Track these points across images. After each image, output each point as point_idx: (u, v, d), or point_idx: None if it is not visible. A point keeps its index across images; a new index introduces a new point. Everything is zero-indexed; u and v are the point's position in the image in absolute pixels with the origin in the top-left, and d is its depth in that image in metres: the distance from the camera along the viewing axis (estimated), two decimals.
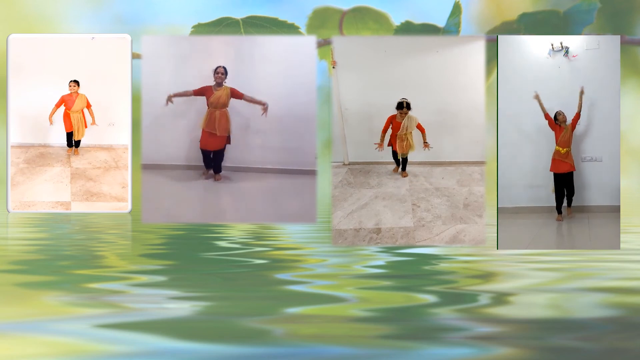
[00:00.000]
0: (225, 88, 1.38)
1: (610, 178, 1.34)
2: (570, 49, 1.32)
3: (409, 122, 1.34)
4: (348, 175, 1.36)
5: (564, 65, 1.33)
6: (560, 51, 1.32)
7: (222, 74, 1.37)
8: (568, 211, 1.34)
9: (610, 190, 1.34)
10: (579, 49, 1.33)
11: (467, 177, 1.36)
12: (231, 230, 1.66)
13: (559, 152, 1.33)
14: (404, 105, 1.34)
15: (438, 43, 1.36)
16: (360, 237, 1.31)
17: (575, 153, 1.34)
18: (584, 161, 1.34)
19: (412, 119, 1.35)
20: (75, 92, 1.64)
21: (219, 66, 1.38)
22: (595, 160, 1.34)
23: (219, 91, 1.38)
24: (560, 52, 1.32)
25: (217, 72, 1.38)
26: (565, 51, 1.32)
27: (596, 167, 1.34)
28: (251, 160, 1.40)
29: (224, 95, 1.38)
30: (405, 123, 1.34)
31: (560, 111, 1.33)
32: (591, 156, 1.34)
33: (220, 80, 1.38)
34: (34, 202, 1.64)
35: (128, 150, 1.64)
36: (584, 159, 1.34)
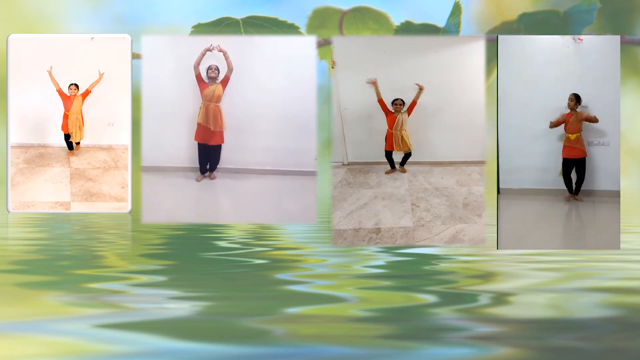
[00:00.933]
0: (218, 85, 1.38)
1: (611, 178, 1.34)
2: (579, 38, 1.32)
3: (403, 117, 1.34)
4: (347, 175, 1.36)
5: (564, 65, 1.33)
6: None
7: (215, 69, 1.38)
8: (575, 197, 1.34)
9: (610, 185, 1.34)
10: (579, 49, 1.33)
11: (467, 177, 1.36)
12: (231, 230, 1.66)
13: (569, 139, 1.33)
14: (398, 99, 1.34)
15: (438, 43, 1.36)
16: (359, 237, 1.31)
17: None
18: (590, 145, 1.34)
19: (404, 114, 1.35)
20: (74, 95, 1.64)
21: (212, 64, 1.38)
22: (603, 144, 1.34)
23: (212, 86, 1.38)
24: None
25: (210, 68, 1.38)
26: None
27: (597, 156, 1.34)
28: (250, 162, 1.40)
29: (217, 89, 1.38)
30: (400, 118, 1.34)
31: (572, 96, 1.32)
32: (599, 140, 1.34)
33: (213, 76, 1.38)
34: (34, 202, 1.64)
35: (128, 150, 1.64)
36: (590, 143, 1.34)
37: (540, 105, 1.33)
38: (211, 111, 1.38)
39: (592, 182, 1.34)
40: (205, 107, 1.38)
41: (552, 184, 1.35)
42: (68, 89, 1.64)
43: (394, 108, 1.35)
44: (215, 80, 1.38)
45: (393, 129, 1.35)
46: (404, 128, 1.35)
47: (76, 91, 1.64)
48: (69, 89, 1.64)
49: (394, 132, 1.35)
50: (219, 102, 1.38)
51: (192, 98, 1.39)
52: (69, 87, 1.64)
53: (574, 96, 1.33)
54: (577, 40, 1.31)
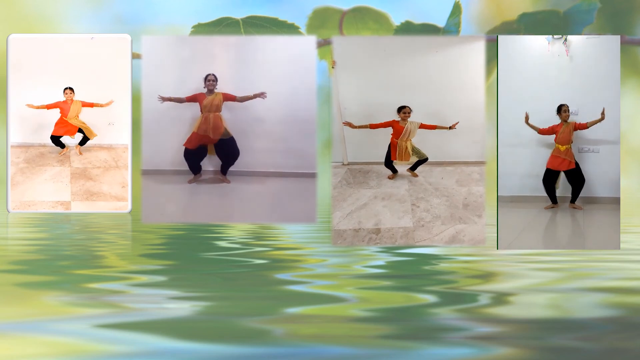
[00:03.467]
0: (217, 94, 1.38)
1: (611, 178, 1.34)
2: (569, 39, 1.32)
3: (412, 126, 1.34)
4: (347, 176, 1.36)
5: (564, 65, 1.33)
6: (560, 39, 1.32)
7: (213, 80, 1.37)
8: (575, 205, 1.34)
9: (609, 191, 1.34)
10: (579, 49, 1.33)
11: (467, 177, 1.36)
12: (231, 230, 1.66)
13: (558, 149, 1.33)
14: (406, 107, 1.34)
15: (438, 43, 1.36)
16: (359, 237, 1.31)
17: (574, 149, 1.34)
18: (581, 152, 1.34)
19: (414, 123, 1.35)
20: (71, 99, 1.63)
21: (209, 74, 1.38)
22: (593, 151, 1.34)
23: (212, 96, 1.38)
24: (560, 39, 1.31)
25: (208, 79, 1.38)
26: (565, 39, 1.32)
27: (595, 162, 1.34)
28: (251, 163, 1.40)
29: (217, 99, 1.38)
30: (408, 127, 1.33)
31: (566, 107, 1.32)
32: (589, 147, 1.34)
33: (212, 87, 1.38)
34: (34, 202, 1.64)
35: (128, 150, 1.64)
36: (581, 150, 1.34)
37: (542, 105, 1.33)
38: (211, 121, 1.38)
39: (593, 189, 1.34)
40: (205, 118, 1.38)
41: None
42: (63, 93, 1.63)
43: (401, 116, 1.34)
44: (212, 91, 1.38)
45: (399, 139, 1.34)
46: (410, 138, 1.35)
47: (72, 95, 1.63)
48: (64, 93, 1.63)
49: (399, 142, 1.35)
50: (219, 112, 1.38)
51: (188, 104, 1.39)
52: (64, 91, 1.63)
53: (567, 107, 1.33)
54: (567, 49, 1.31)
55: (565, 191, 1.35)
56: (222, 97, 1.38)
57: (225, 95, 1.38)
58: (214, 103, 1.38)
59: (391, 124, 1.35)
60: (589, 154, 1.34)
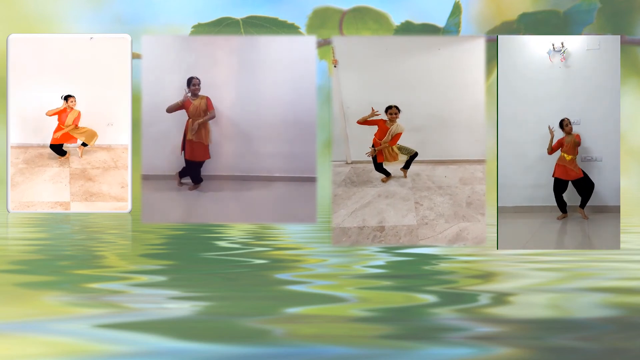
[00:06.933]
0: (202, 97, 1.38)
1: (611, 178, 1.34)
2: (567, 51, 1.32)
3: (395, 128, 1.33)
4: (351, 174, 1.36)
5: (564, 65, 1.33)
6: (559, 51, 1.32)
7: (197, 85, 1.37)
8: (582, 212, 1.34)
9: (610, 191, 1.34)
10: (578, 49, 1.33)
11: (470, 176, 1.36)
12: (231, 230, 1.66)
13: (563, 159, 1.33)
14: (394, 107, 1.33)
15: (438, 43, 1.36)
16: (364, 234, 1.31)
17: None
18: (583, 161, 1.34)
19: (399, 126, 1.34)
20: (71, 108, 1.63)
21: (194, 77, 1.37)
22: (596, 160, 1.34)
23: (197, 101, 1.38)
24: (559, 52, 1.32)
25: (193, 83, 1.37)
26: (563, 51, 1.32)
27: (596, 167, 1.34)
28: (250, 164, 1.40)
29: (202, 104, 1.38)
30: (392, 129, 1.33)
31: (567, 120, 1.32)
32: (592, 156, 1.34)
33: (196, 91, 1.37)
34: (34, 202, 1.64)
35: (128, 150, 1.64)
36: (584, 159, 1.34)
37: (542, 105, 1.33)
38: (197, 126, 1.37)
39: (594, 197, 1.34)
40: (193, 124, 1.37)
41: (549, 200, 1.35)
42: (67, 100, 1.63)
43: (388, 117, 1.34)
44: (196, 95, 1.37)
45: (382, 141, 1.34)
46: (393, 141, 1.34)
47: (74, 103, 1.63)
48: (68, 100, 1.63)
49: (382, 143, 1.34)
50: (205, 116, 1.38)
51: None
52: (67, 98, 1.63)
53: (568, 121, 1.33)
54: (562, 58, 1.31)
55: (571, 200, 1.35)
56: (206, 102, 1.37)
57: (208, 102, 1.37)
58: (200, 108, 1.37)
59: (377, 122, 1.35)
60: (591, 163, 1.34)
